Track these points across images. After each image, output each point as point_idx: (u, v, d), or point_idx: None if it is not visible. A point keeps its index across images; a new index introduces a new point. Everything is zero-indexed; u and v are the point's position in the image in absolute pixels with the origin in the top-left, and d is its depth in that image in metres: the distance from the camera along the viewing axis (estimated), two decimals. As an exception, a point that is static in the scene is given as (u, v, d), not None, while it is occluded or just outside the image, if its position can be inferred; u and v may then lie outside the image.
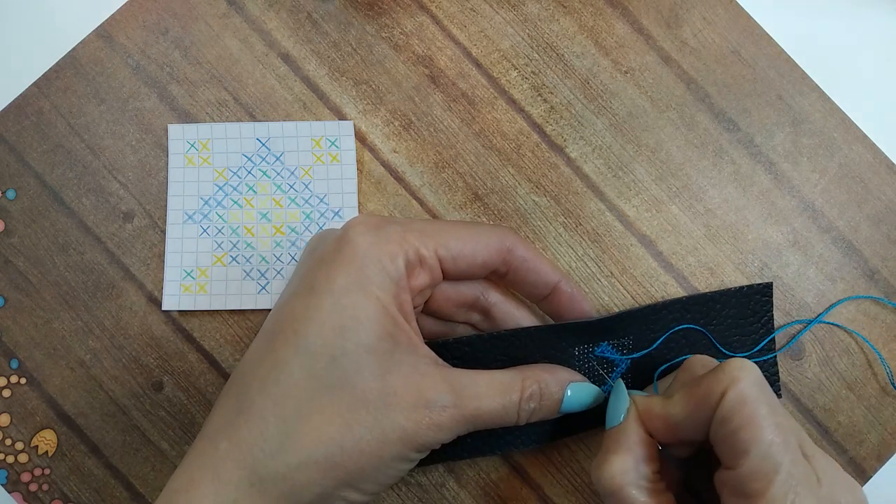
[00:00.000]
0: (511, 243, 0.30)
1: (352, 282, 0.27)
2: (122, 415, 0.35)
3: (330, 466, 0.26)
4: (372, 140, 0.37)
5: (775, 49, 0.37)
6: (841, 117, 0.37)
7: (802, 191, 0.36)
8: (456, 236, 0.29)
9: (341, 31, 0.37)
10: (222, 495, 0.26)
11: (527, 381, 0.29)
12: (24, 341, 0.35)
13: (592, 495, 0.34)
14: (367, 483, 0.27)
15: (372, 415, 0.26)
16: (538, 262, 0.31)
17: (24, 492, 0.34)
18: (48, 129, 0.36)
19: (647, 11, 0.37)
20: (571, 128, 0.37)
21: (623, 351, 0.33)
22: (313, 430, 0.26)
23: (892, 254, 0.36)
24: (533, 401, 0.29)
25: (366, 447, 0.26)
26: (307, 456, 0.26)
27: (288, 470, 0.26)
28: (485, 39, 0.37)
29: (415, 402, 0.27)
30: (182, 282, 0.35)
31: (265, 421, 0.26)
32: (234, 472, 0.26)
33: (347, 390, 0.26)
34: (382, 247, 0.28)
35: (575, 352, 0.32)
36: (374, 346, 0.27)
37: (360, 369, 0.26)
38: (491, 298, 0.32)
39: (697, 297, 0.34)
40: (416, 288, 0.29)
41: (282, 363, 0.27)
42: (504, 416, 0.29)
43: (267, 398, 0.26)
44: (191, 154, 0.36)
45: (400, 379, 0.27)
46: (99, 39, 0.37)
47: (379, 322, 0.27)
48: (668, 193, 0.36)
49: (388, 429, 0.26)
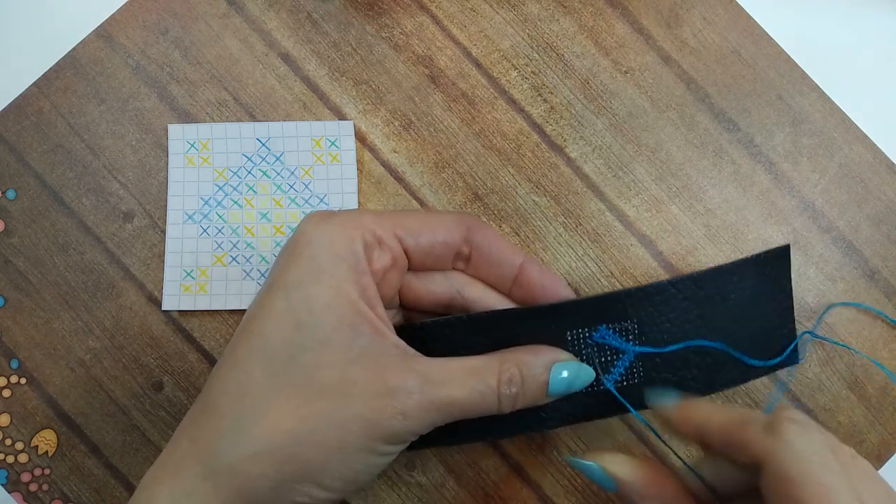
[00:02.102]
0: (471, 223, 0.29)
1: (304, 274, 0.26)
2: (122, 415, 0.35)
3: (284, 458, 0.25)
4: (372, 140, 0.37)
5: (775, 49, 0.37)
6: (841, 117, 0.37)
7: (802, 191, 0.36)
8: (413, 217, 0.29)
9: (341, 31, 0.37)
10: (178, 489, 0.26)
11: (505, 364, 0.27)
12: (24, 341, 0.35)
13: (592, 495, 0.34)
14: (329, 478, 0.26)
15: (330, 405, 0.25)
16: (499, 242, 0.30)
17: (24, 492, 0.34)
18: (48, 129, 0.36)
19: (647, 11, 0.37)
20: (571, 128, 0.37)
21: (628, 337, 0.29)
22: (268, 423, 0.25)
23: (892, 254, 0.36)
24: (513, 385, 0.27)
25: (322, 438, 0.25)
26: (260, 448, 0.25)
27: (241, 462, 0.25)
28: (485, 39, 0.37)
29: (377, 390, 0.26)
30: (182, 282, 0.35)
31: (223, 418, 0.26)
32: (191, 467, 0.26)
33: (306, 385, 0.26)
34: (335, 234, 0.27)
35: (567, 337, 0.29)
36: (332, 339, 0.26)
37: (318, 364, 0.26)
38: (468, 295, 0.31)
39: (710, 272, 0.30)
40: (378, 271, 0.28)
41: (241, 362, 0.27)
42: (482, 404, 0.27)
43: (225, 396, 0.26)
44: (191, 154, 0.36)
45: (361, 369, 0.26)
46: (99, 39, 0.37)
47: (335, 313, 0.26)
48: (668, 193, 0.36)
49: (348, 418, 0.25)
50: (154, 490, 0.26)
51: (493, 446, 0.35)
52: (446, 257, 0.30)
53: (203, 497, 0.25)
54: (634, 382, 0.30)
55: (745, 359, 0.31)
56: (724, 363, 0.30)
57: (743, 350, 0.30)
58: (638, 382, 0.30)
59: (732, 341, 0.30)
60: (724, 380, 0.31)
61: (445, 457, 0.35)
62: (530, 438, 0.35)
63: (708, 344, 0.30)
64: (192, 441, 0.26)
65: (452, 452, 0.35)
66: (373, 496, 0.34)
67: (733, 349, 0.30)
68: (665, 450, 0.34)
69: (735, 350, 0.30)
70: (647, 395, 0.30)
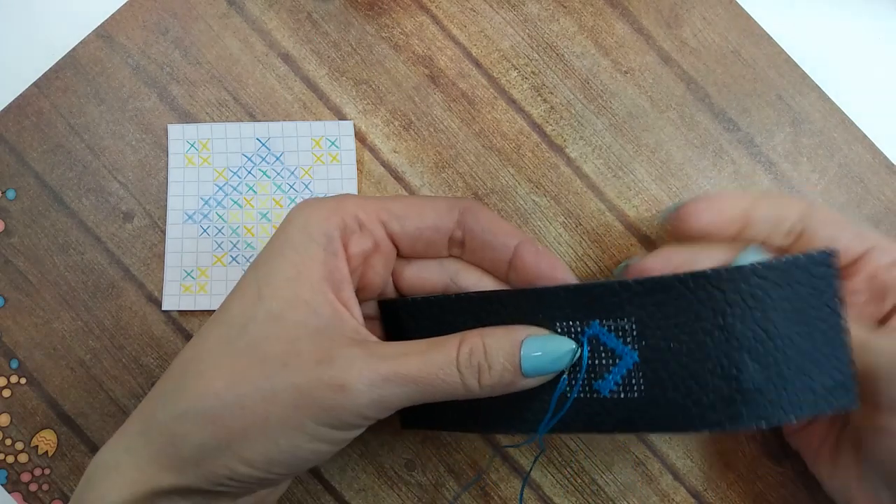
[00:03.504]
0: (466, 206, 0.28)
1: (275, 250, 0.26)
2: (122, 415, 0.35)
3: (207, 420, 0.24)
4: (372, 140, 0.37)
5: (775, 49, 0.37)
6: (841, 117, 0.37)
7: (802, 191, 0.36)
8: (400, 202, 0.28)
9: (341, 31, 0.37)
10: (120, 446, 0.26)
11: (467, 336, 0.25)
12: (24, 341, 0.35)
13: (592, 495, 0.34)
14: (250, 451, 0.24)
15: (264, 373, 0.24)
16: (495, 224, 0.28)
17: (24, 492, 0.34)
18: (48, 129, 0.36)
19: (647, 11, 0.37)
20: (571, 128, 0.37)
21: (625, 339, 0.25)
22: (201, 384, 0.25)
23: (892, 254, 0.36)
24: (475, 356, 0.25)
25: (248, 404, 0.24)
26: (188, 407, 0.25)
27: (170, 420, 0.25)
28: (485, 39, 0.37)
29: (318, 360, 0.24)
30: (182, 282, 0.35)
31: (168, 380, 0.26)
32: (135, 425, 0.26)
33: (249, 354, 0.25)
34: (312, 215, 0.27)
35: (556, 328, 0.26)
36: (285, 313, 0.25)
37: (267, 335, 0.25)
38: (462, 282, 0.29)
39: (727, 271, 0.24)
40: (357, 255, 0.27)
41: (202, 332, 0.27)
42: (442, 378, 0.24)
43: (179, 362, 0.27)
44: (191, 154, 0.36)
45: (309, 344, 0.25)
46: (99, 39, 0.37)
47: (293, 289, 0.25)
48: (668, 193, 0.36)
49: (279, 387, 0.24)
50: (104, 447, 0.27)
51: (493, 446, 0.35)
52: (439, 243, 0.29)
53: (138, 451, 0.26)
54: (633, 396, 0.25)
55: (784, 396, 0.24)
56: (753, 392, 0.24)
57: (780, 381, 0.24)
58: (638, 397, 0.25)
59: (765, 365, 0.24)
60: (754, 416, 0.24)
61: (445, 457, 0.35)
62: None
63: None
64: (143, 404, 0.27)
65: (452, 452, 0.35)
66: (373, 496, 0.34)
67: (766, 375, 0.24)
68: (665, 450, 0.35)
69: (768, 378, 0.24)
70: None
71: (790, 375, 0.24)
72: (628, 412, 0.25)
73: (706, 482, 0.34)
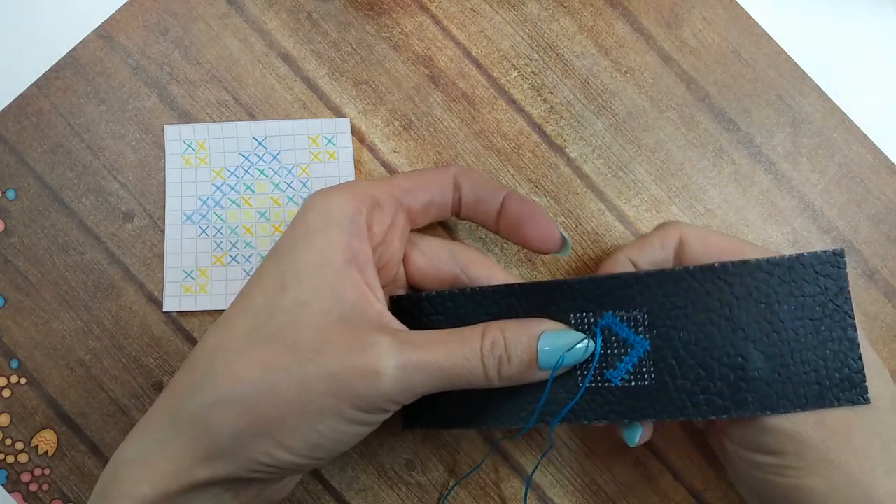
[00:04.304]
0: (456, 171, 0.31)
1: (297, 237, 0.27)
2: (122, 415, 0.35)
3: (243, 408, 0.25)
4: (372, 140, 0.37)
5: (775, 49, 0.37)
6: (841, 117, 0.37)
7: (802, 191, 0.36)
8: (407, 178, 0.30)
9: (341, 31, 0.37)
10: (149, 437, 0.26)
11: (489, 328, 0.26)
12: (24, 341, 0.35)
13: (592, 495, 0.34)
14: (290, 438, 0.25)
15: (298, 360, 0.25)
16: (485, 182, 0.31)
17: (24, 492, 0.34)
18: (48, 129, 0.36)
19: (647, 11, 0.37)
20: (571, 128, 0.37)
21: (637, 329, 0.27)
22: (233, 373, 0.25)
23: (892, 254, 0.36)
24: (497, 349, 0.26)
25: (283, 392, 0.24)
26: (220, 396, 0.25)
27: (203, 409, 0.25)
28: (485, 39, 0.37)
29: (350, 347, 0.25)
30: (182, 282, 0.35)
31: (195, 371, 0.26)
32: (162, 417, 0.26)
33: (279, 341, 0.25)
34: (332, 199, 0.27)
35: (570, 320, 0.27)
36: (312, 300, 0.25)
37: (295, 323, 0.25)
38: (473, 274, 0.31)
39: (734, 265, 0.26)
40: (379, 233, 0.28)
41: (224, 321, 0.27)
42: (467, 367, 0.25)
43: (203, 352, 0.27)
44: (188, 154, 0.36)
45: (339, 331, 0.25)
46: (99, 39, 0.37)
47: (318, 275, 0.26)
48: (668, 193, 0.36)
49: (313, 374, 0.24)
50: (127, 441, 0.26)
51: (493, 444, 0.35)
52: (445, 208, 0.31)
53: (169, 443, 0.25)
54: (643, 384, 0.27)
55: (790, 389, 0.26)
56: (759, 381, 0.26)
57: (785, 372, 0.26)
58: (649, 384, 0.27)
59: (770, 356, 0.26)
60: (759, 404, 0.26)
61: (445, 457, 0.35)
62: (530, 438, 0.35)
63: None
64: (166, 396, 0.27)
65: (452, 452, 0.35)
66: (373, 496, 0.34)
67: (771, 366, 0.26)
68: (665, 450, 0.34)
69: (773, 369, 0.26)
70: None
71: (795, 367, 0.26)
72: (638, 400, 0.27)
73: (706, 482, 0.34)
